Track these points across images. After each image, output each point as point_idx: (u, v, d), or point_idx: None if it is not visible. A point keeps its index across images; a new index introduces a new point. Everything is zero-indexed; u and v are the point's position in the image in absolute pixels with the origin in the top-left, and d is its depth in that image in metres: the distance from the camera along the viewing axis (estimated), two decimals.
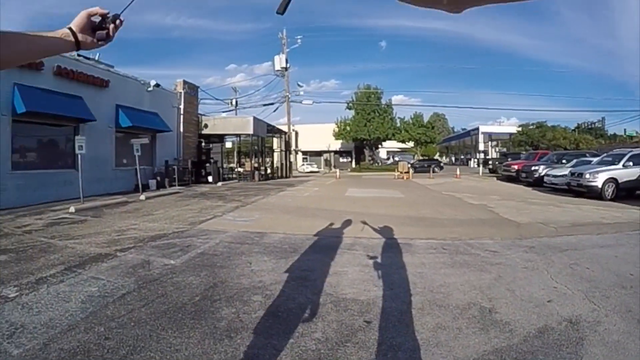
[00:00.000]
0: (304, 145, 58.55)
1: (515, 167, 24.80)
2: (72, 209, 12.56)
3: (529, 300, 4.50)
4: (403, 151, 72.23)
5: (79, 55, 17.72)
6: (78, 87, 17.19)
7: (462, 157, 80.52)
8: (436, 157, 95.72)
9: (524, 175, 22.99)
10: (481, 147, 53.51)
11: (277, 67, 39.96)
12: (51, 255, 7.05)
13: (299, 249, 7.25)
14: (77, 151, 14.08)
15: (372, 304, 4.51)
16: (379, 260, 6.41)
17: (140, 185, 17.36)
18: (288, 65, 40.15)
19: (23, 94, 14.19)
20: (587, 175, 15.50)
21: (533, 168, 22.08)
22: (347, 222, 9.87)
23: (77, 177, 14.17)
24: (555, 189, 17.79)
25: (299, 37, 42.38)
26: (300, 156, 59.36)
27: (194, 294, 4.91)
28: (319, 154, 64.36)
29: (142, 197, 16.04)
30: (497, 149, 68.47)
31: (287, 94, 39.90)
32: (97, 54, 19.84)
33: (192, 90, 27.38)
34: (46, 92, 15.40)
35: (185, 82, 26.47)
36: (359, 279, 5.44)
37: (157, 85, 22.89)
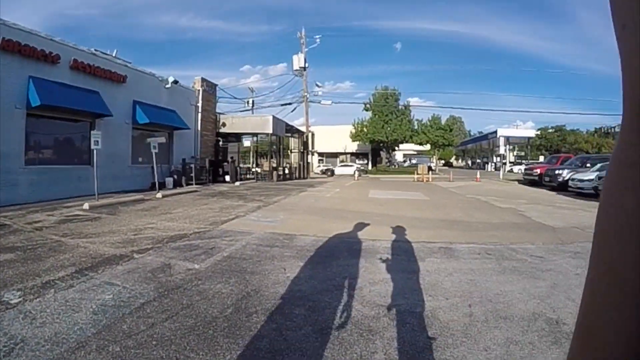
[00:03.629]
0: (320, 147, 58.01)
1: (538, 171, 24.22)
2: (86, 206, 12.01)
3: None
4: (420, 154, 71.65)
5: (96, 50, 17.38)
6: (95, 81, 16.75)
7: (479, 160, 79.61)
8: (452, 160, 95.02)
9: (547, 179, 22.32)
10: (502, 150, 53.08)
11: (296, 67, 39.44)
12: (61, 255, 6.42)
13: (335, 253, 6.62)
14: (92, 146, 13.65)
15: (431, 316, 3.95)
16: (424, 266, 5.80)
17: (157, 184, 16.87)
18: (307, 64, 39.63)
19: (38, 87, 13.74)
20: None
21: (557, 172, 21.43)
22: (379, 225, 9.30)
23: (92, 174, 13.81)
24: (581, 194, 17.08)
25: (317, 36, 41.91)
26: (316, 157, 58.74)
27: (225, 306, 4.24)
28: (335, 155, 63.99)
29: (159, 195, 15.51)
30: (514, 153, 67.61)
31: (306, 93, 39.32)
32: (115, 50, 19.50)
33: (210, 88, 26.89)
34: (62, 86, 14.97)
35: (203, 80, 26.00)
36: (408, 287, 4.85)
37: (176, 82, 22.36)
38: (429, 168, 39.53)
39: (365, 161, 63.26)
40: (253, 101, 42.65)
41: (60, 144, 16.28)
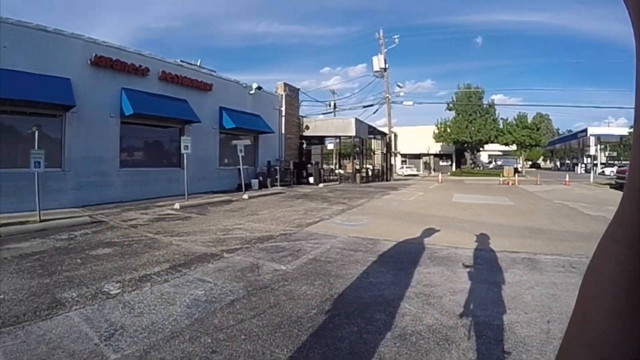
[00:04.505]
0: (403, 148, 57.14)
1: None
2: (176, 206, 12.59)
3: None
4: (505, 154, 68.88)
5: (182, 61, 18.20)
6: (182, 90, 17.68)
7: (568, 161, 74.99)
8: (539, 161, 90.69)
9: None
10: (592, 151, 49.66)
11: (376, 68, 38.87)
12: (156, 251, 6.78)
13: (417, 259, 6.46)
14: (182, 151, 14.39)
15: (508, 330, 3.76)
16: (506, 277, 5.50)
17: (243, 185, 17.28)
18: (387, 65, 38.99)
19: (130, 97, 14.82)
20: None
21: None
22: (462, 231, 8.99)
23: (182, 176, 14.63)
24: None
25: (395, 36, 40.96)
26: (399, 159, 57.83)
27: (310, 307, 4.27)
28: (418, 156, 62.60)
29: (245, 196, 15.89)
30: (606, 154, 63.56)
31: (387, 95, 38.70)
32: (199, 60, 20.32)
33: (292, 93, 27.29)
34: (152, 96, 16.00)
35: (286, 85, 26.46)
36: (488, 298, 4.64)
37: (259, 87, 22.96)
38: (515, 170, 37.95)
39: (449, 162, 61.79)
40: (335, 103, 42.60)
41: (152, 148, 17.31)
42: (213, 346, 3.32)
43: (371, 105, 40.37)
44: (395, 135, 44.47)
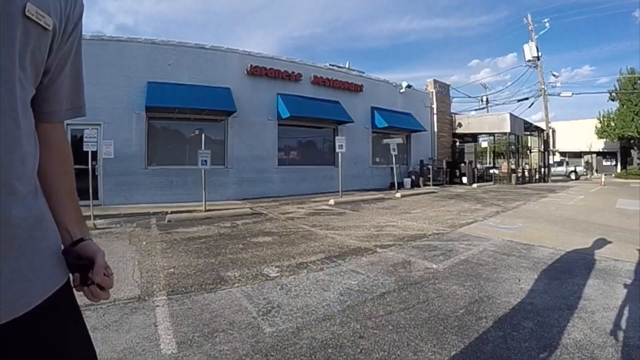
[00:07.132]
0: (561, 145, 52.30)
1: None
2: (331, 202, 13.24)
3: None
4: None
5: (331, 64, 19.19)
6: (334, 92, 18.55)
7: None
8: None
9: None
10: None
11: (528, 57, 35.51)
12: (312, 242, 7.20)
13: (573, 269, 5.98)
14: (337, 150, 15.19)
15: None
16: None
17: (395, 183, 17.56)
18: (539, 53, 35.63)
19: (285, 101, 16.08)
20: None
21: None
22: (625, 242, 7.99)
23: (336, 173, 15.49)
24: None
25: (546, 20, 37.33)
26: (557, 157, 52.82)
27: (458, 306, 4.23)
28: (578, 155, 56.20)
29: (398, 194, 16.00)
30: None
31: (542, 86, 35.30)
32: (347, 62, 21.03)
33: (443, 89, 26.76)
34: (305, 99, 17.11)
35: (435, 81, 26.09)
36: None
37: (409, 86, 22.96)
38: None
39: (614, 162, 55.34)
40: (487, 98, 40.71)
41: (307, 147, 18.48)
42: (361, 332, 3.50)
43: (526, 99, 37.33)
44: (553, 131, 40.97)
